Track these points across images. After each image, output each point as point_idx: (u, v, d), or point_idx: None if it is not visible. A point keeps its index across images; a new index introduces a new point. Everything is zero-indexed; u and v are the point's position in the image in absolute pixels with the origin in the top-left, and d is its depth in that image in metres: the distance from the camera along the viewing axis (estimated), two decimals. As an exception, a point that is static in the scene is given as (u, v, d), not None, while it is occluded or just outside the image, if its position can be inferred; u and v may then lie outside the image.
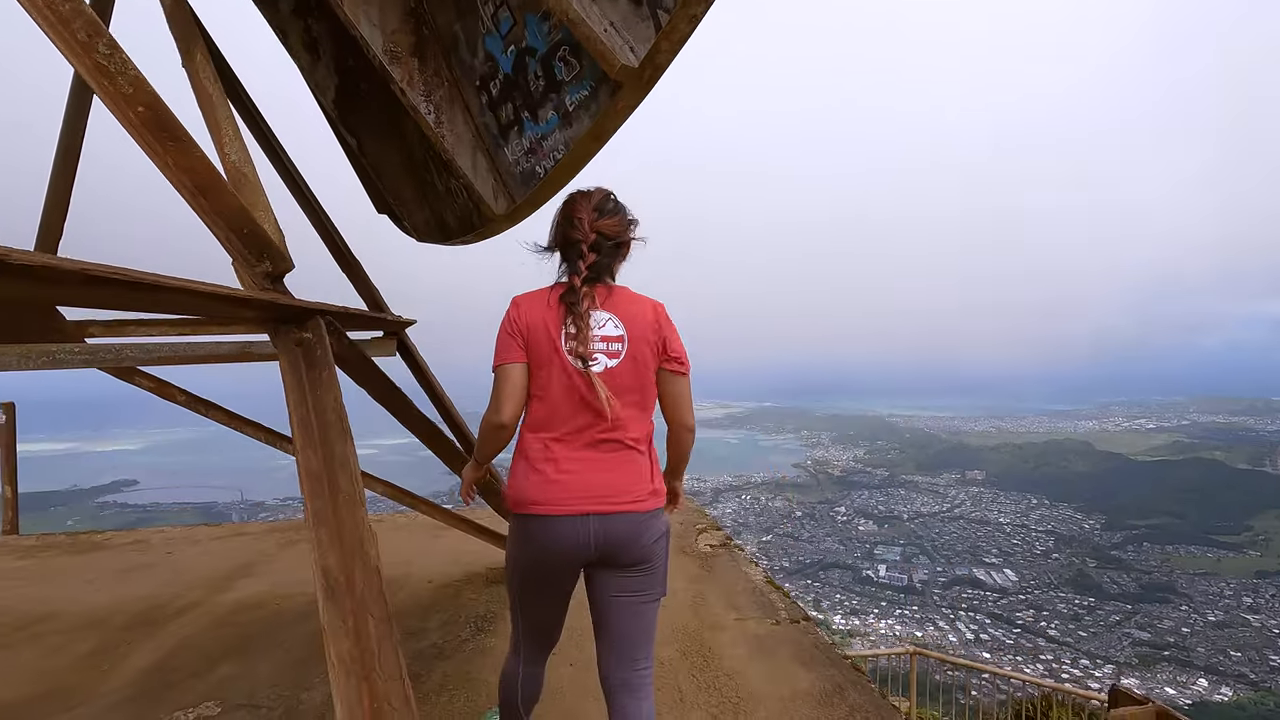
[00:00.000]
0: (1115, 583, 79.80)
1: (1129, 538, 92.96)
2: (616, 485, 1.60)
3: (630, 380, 1.63)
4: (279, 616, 3.54)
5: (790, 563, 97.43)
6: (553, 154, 1.94)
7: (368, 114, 3.01)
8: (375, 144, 3.15)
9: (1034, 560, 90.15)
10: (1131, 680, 58.46)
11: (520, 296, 1.67)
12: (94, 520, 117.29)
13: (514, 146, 2.11)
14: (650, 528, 1.64)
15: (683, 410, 1.76)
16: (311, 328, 1.73)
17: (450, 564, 4.39)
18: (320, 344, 1.69)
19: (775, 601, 3.76)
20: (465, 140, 2.29)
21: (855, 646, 73.31)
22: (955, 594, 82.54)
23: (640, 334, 1.64)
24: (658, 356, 1.67)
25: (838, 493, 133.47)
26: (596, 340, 1.60)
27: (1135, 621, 69.16)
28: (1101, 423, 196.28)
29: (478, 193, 2.28)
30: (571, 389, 1.59)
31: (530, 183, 2.08)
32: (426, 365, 3.41)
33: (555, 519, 1.58)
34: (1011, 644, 68.33)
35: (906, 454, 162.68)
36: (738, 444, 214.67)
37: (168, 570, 4.46)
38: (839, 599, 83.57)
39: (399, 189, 3.18)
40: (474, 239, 2.80)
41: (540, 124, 1.96)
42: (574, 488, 1.58)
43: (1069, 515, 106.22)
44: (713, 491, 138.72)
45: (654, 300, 1.73)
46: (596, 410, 1.59)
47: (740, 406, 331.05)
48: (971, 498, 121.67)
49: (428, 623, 3.38)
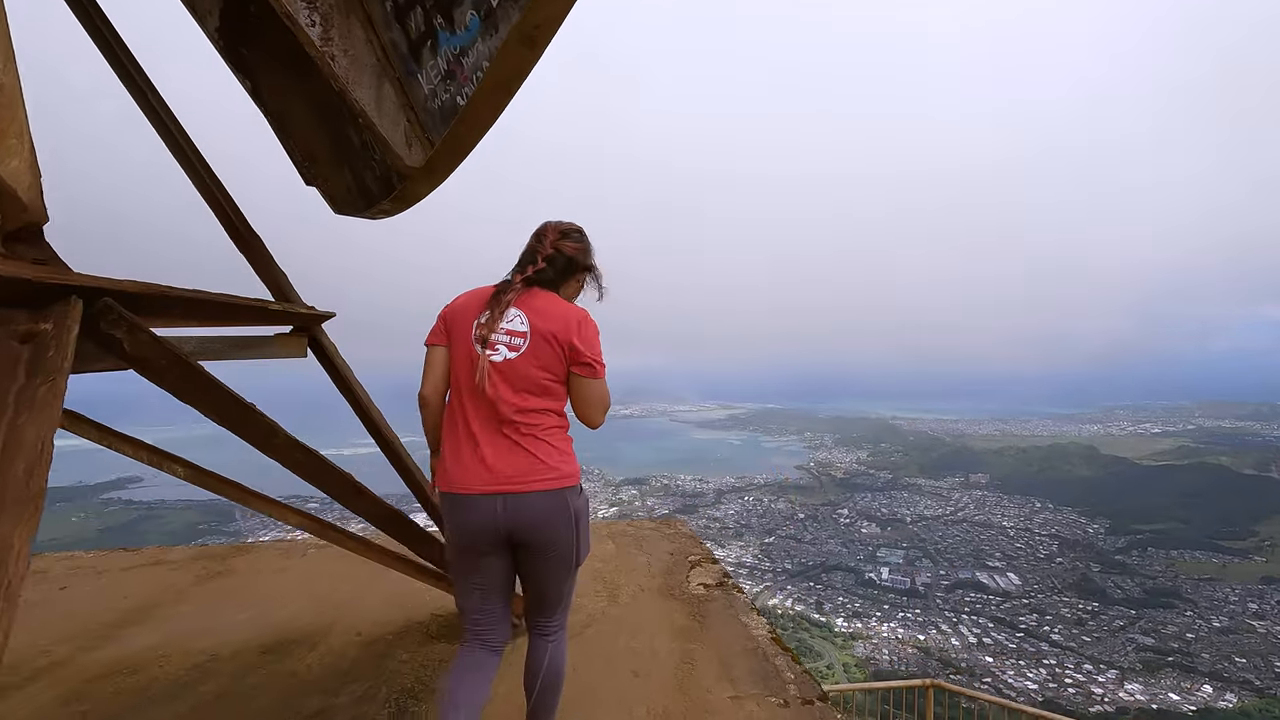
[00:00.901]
0: (1119, 587, 79.53)
1: (1133, 542, 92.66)
2: (522, 468, 1.74)
3: (528, 372, 1.77)
4: (150, 687, 2.74)
5: (793, 565, 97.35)
6: (474, 74, 1.37)
7: (262, 43, 2.19)
8: (275, 84, 2.32)
9: (1037, 564, 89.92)
10: (1135, 686, 58.27)
11: (462, 294, 1.88)
12: (99, 517, 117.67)
13: (429, 71, 1.52)
14: (554, 508, 1.77)
15: (590, 411, 1.86)
16: (55, 315, 1.17)
17: (391, 607, 3.61)
18: (59, 341, 1.13)
19: (783, 670, 2.99)
20: (366, 65, 1.66)
21: (858, 650, 72.78)
22: (958, 597, 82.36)
23: (547, 332, 1.77)
24: (565, 358, 1.80)
25: (841, 495, 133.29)
26: (501, 332, 1.77)
27: (1139, 627, 68.92)
28: (1106, 427, 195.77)
29: (383, 138, 1.66)
30: (473, 373, 1.76)
31: (450, 118, 1.48)
32: (348, 369, 2.78)
33: (468, 498, 1.74)
34: (1014, 648, 68.15)
35: (910, 457, 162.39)
36: (740, 445, 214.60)
37: (50, 611, 3.68)
38: (841, 601, 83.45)
39: (310, 145, 2.41)
40: (394, 207, 2.16)
41: (457, 31, 1.39)
42: (484, 469, 1.73)
43: (1073, 519, 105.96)
44: (715, 493, 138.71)
45: (580, 309, 1.88)
46: (494, 397, 1.75)
47: (743, 408, 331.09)
48: (975, 501, 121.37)
49: (337, 698, 2.64)
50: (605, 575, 4.20)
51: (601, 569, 4.31)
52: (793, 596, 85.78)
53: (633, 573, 4.25)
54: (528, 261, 1.88)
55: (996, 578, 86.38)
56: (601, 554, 4.58)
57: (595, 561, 4.41)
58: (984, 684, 61.31)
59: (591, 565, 4.30)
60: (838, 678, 65.19)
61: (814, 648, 71.18)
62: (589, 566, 4.28)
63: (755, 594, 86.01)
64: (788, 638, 73.52)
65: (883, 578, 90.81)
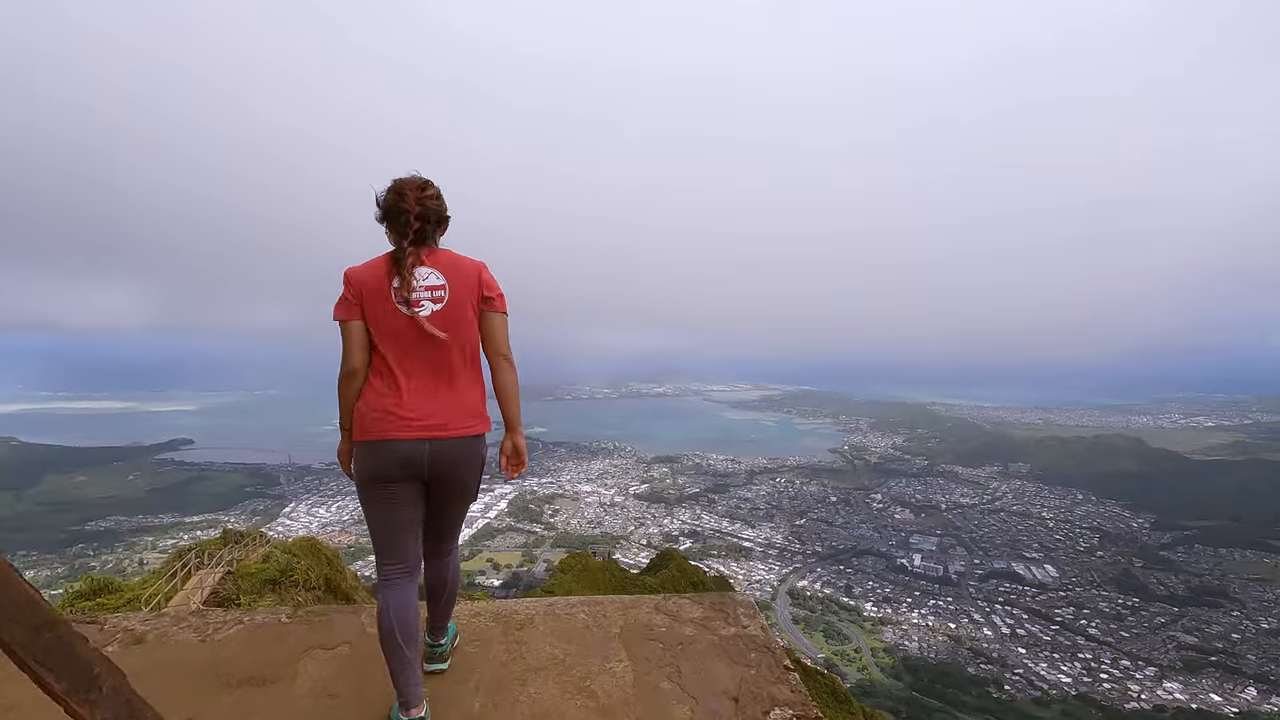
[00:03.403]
0: (1163, 584, 77.52)
1: (1179, 538, 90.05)
2: (448, 414, 1.98)
3: (453, 322, 1.98)
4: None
5: (823, 547, 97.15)
6: None
7: None
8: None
9: (1076, 557, 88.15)
10: (1174, 684, 56.88)
11: (349, 269, 2.01)
12: (153, 476, 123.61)
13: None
14: (474, 451, 2.04)
15: (499, 341, 2.09)
16: None
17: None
18: None
19: None
20: None
21: (886, 635, 72.76)
22: (992, 587, 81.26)
23: (461, 283, 2.01)
24: (477, 302, 2.04)
25: (874, 480, 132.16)
26: (421, 290, 1.95)
27: (1182, 625, 67.18)
28: (1156, 419, 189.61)
29: None
30: (400, 334, 1.95)
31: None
32: None
33: (397, 443, 1.93)
34: (1049, 640, 67.10)
35: (947, 444, 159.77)
36: (773, 427, 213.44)
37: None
38: (871, 586, 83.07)
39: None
40: None
41: None
42: (412, 418, 1.94)
43: (1116, 513, 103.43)
44: (746, 473, 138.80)
45: (476, 260, 2.10)
46: (426, 352, 1.97)
47: (777, 389, 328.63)
48: (1014, 491, 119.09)
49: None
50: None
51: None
52: (822, 579, 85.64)
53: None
54: (403, 223, 1.98)
55: (1033, 569, 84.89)
56: (603, 687, 2.26)
57: (591, 715, 2.10)
58: (1015, 675, 60.63)
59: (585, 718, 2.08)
60: (865, 662, 65.23)
61: (842, 631, 71.16)
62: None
63: (784, 575, 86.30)
64: (815, 620, 73.71)
65: (914, 564, 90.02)
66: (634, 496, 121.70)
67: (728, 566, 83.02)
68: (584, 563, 30.78)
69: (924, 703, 54.24)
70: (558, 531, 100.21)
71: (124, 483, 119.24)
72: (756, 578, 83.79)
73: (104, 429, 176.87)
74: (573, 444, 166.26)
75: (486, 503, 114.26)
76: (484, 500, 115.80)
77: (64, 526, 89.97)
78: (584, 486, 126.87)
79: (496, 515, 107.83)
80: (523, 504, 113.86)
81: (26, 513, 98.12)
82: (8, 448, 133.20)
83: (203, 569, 10.28)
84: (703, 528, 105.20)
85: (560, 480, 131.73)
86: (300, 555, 11.11)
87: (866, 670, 62.22)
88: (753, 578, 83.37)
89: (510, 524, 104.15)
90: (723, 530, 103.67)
